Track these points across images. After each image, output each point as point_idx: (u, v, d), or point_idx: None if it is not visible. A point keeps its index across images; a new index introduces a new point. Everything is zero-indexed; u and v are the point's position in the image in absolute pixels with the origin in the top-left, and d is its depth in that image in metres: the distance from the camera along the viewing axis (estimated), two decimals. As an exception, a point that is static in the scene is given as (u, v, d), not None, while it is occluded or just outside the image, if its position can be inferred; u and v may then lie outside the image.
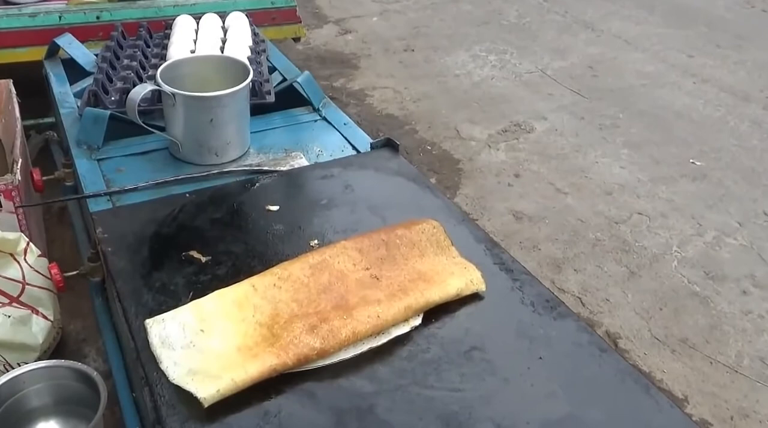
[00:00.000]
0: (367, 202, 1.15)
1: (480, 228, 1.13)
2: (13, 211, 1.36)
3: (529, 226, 2.10)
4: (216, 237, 1.04)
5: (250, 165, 1.28)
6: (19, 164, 1.38)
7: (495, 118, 2.73)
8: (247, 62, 1.34)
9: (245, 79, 1.25)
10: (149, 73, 1.48)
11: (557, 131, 2.67)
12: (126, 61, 1.52)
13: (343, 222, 1.10)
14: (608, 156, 2.52)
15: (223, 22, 1.68)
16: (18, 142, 1.47)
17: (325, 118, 1.47)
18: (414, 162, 1.32)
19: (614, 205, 2.25)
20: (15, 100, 1.56)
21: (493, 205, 2.18)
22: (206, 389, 0.76)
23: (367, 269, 0.95)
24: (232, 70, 1.30)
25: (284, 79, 1.57)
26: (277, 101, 1.43)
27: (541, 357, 0.87)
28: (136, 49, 1.57)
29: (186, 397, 0.77)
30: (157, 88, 1.21)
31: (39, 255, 1.32)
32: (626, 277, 1.94)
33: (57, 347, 1.39)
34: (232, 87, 1.23)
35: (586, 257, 2.01)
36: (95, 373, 1.10)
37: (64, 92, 1.51)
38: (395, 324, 0.89)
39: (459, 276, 0.95)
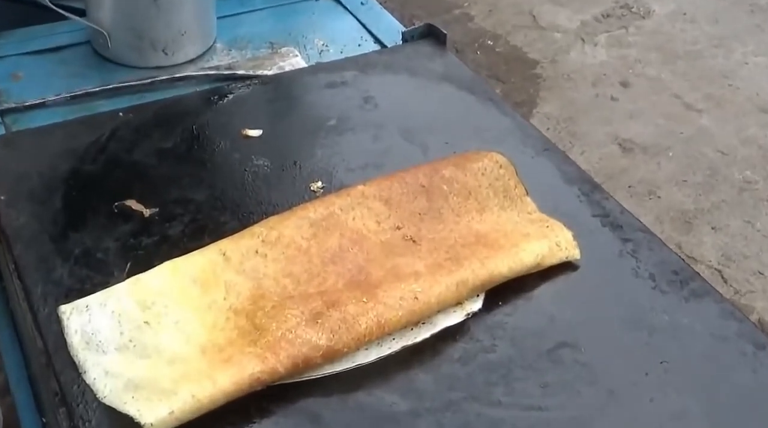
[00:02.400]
0: (397, 123, 1.14)
1: (571, 161, 1.11)
2: None
3: (643, 162, 2.06)
4: (165, 178, 1.04)
5: (218, 67, 1.27)
6: None
7: (591, -5, 2.66)
8: None
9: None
10: None
11: (686, 16, 2.60)
12: None
13: (361, 155, 1.09)
14: (765, 53, 2.44)
15: None
16: None
17: (332, -5, 1.43)
18: (468, 64, 1.28)
19: (774, 128, 2.19)
20: None
21: (588, 130, 2.14)
22: (154, 411, 0.76)
23: (399, 228, 0.94)
24: None
25: (267, -68, 1.52)
26: (258, -32, 1.39)
27: (663, 362, 0.86)
28: None
29: (123, 423, 0.77)
30: (73, -55, 1.17)
31: None
32: (791, 239, 1.90)
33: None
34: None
35: (730, 208, 1.98)
36: (-16, 388, 1.09)
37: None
38: (442, 309, 0.88)
39: (539, 237, 0.94)
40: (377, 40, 1.36)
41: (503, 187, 1.00)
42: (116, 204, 0.99)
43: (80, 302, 0.85)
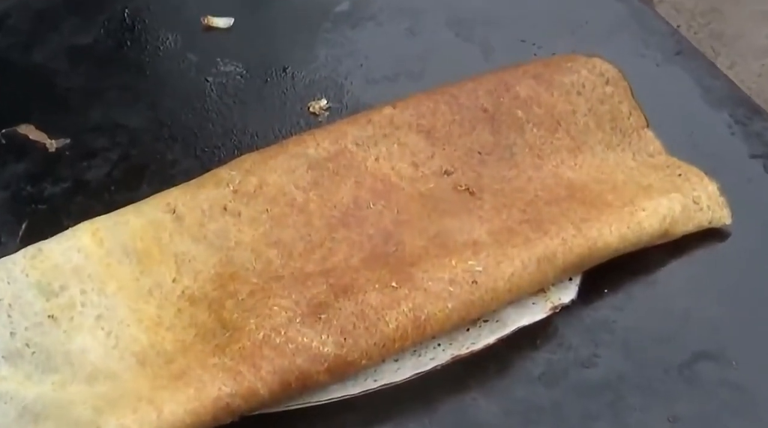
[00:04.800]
0: (444, 9, 1.12)
1: (717, 71, 1.05)
2: None
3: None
4: (81, 91, 1.00)
5: None
6: None
7: None
8: None
9: None
10: None
11: None
12: None
13: (388, 58, 1.06)
14: None
15: None
16: None
17: None
18: None
19: None
20: None
21: (741, 30, 2.03)
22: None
23: (448, 173, 0.88)
24: None
25: None
26: None
27: None
28: None
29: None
30: None
31: None
32: None
33: None
34: None
35: None
36: None
37: None
38: (515, 299, 0.81)
39: (666, 191, 0.88)
40: None
41: (611, 114, 0.93)
42: (4, 131, 0.94)
43: (-50, 283, 0.86)
